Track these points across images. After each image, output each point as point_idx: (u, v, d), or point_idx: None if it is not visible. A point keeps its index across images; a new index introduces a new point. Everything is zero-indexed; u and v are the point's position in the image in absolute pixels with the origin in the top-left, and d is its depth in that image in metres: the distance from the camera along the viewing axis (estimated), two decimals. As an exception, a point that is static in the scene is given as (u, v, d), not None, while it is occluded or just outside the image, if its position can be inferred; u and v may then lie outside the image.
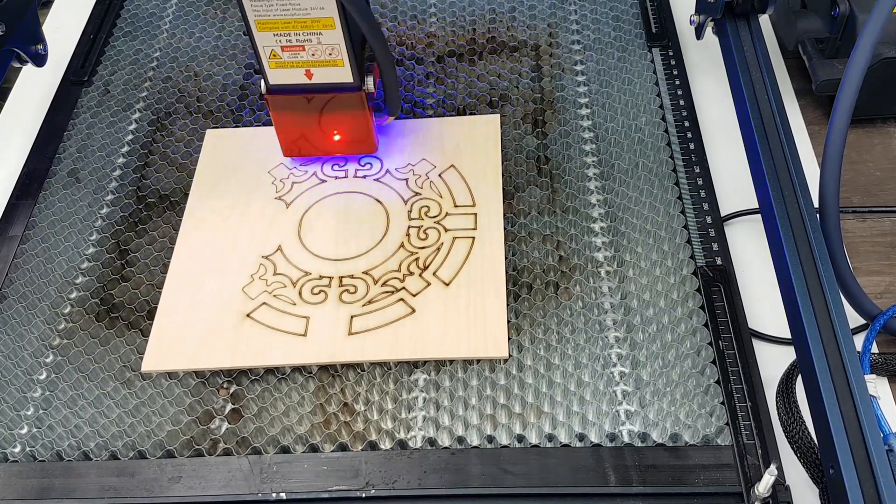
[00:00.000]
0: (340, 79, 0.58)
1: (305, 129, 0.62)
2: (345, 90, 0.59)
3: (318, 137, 0.62)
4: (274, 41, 0.56)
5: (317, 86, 0.59)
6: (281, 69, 0.58)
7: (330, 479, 0.50)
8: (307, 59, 0.57)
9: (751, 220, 0.63)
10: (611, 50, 0.72)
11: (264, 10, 0.54)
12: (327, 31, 0.55)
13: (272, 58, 0.57)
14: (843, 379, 0.45)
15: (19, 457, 0.53)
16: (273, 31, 0.56)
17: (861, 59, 0.51)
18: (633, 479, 0.49)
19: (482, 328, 0.55)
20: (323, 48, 0.56)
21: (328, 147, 0.63)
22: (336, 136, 0.62)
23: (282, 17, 0.55)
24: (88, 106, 0.74)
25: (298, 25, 0.55)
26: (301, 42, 0.56)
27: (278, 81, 0.59)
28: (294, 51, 0.56)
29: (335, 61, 0.57)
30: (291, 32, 0.56)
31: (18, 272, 0.62)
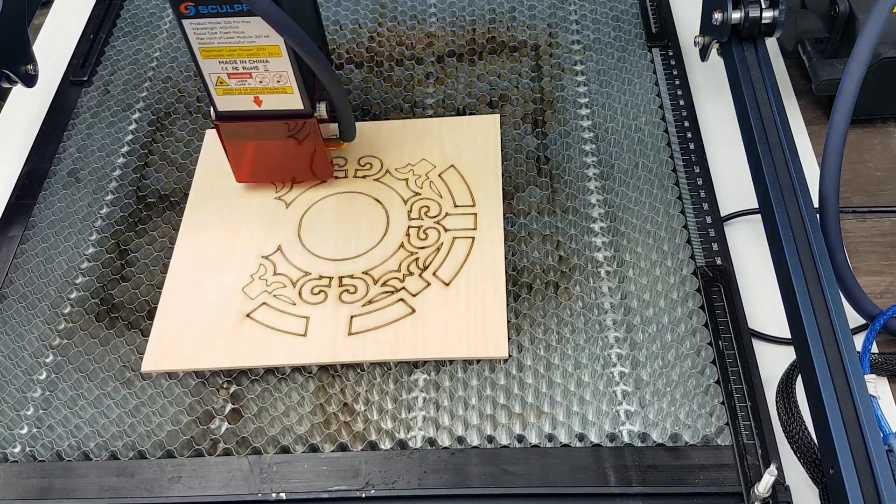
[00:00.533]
0: (290, 105, 0.57)
1: (258, 155, 0.61)
2: (296, 116, 0.58)
3: (272, 164, 0.62)
4: (220, 68, 0.55)
5: (267, 112, 0.58)
6: (229, 96, 0.57)
7: (330, 479, 0.50)
8: (255, 86, 0.56)
9: (751, 220, 0.63)
10: (611, 50, 0.72)
11: (208, 38, 0.53)
12: (273, 58, 0.54)
13: (219, 84, 0.56)
14: (843, 379, 0.45)
15: (19, 457, 0.53)
16: (218, 58, 0.55)
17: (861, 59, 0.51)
18: (633, 479, 0.49)
19: (482, 328, 0.55)
20: (270, 75, 0.55)
21: (283, 173, 0.63)
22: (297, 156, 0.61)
23: (226, 44, 0.54)
24: (88, 106, 0.74)
25: (244, 53, 0.54)
26: (248, 69, 0.55)
27: (227, 108, 0.58)
28: (241, 78, 0.55)
29: (284, 88, 0.56)
30: (237, 60, 0.55)
31: (18, 272, 0.62)
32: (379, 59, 0.74)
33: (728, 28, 0.61)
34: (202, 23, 0.52)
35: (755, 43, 0.62)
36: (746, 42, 0.63)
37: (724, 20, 0.61)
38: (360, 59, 0.75)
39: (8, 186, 0.69)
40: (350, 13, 0.78)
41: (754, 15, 0.60)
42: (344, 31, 0.77)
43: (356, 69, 0.74)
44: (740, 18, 0.61)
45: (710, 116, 0.69)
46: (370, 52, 0.75)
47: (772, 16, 0.60)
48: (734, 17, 0.61)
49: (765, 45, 0.62)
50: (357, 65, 0.74)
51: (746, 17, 0.60)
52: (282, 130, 0.59)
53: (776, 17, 0.60)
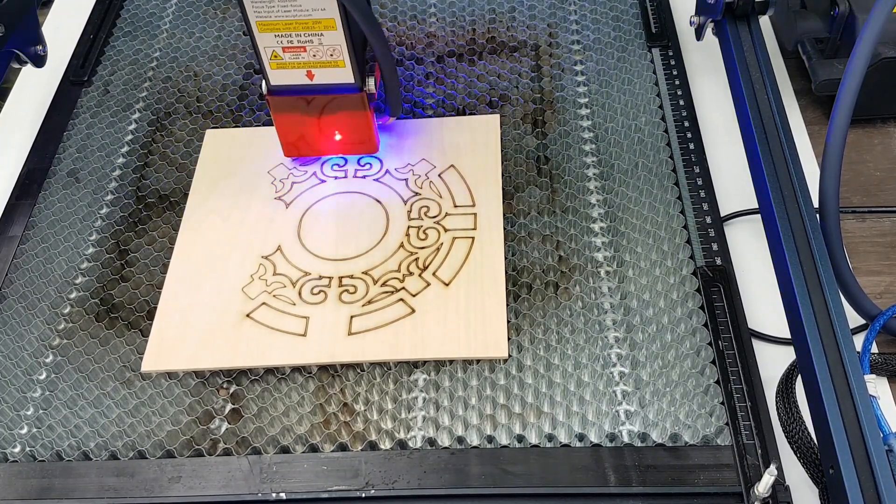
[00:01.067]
0: (341, 80, 0.58)
1: (306, 129, 0.62)
2: (346, 91, 0.59)
3: (319, 138, 0.62)
4: (275, 42, 0.56)
5: (318, 86, 0.59)
6: (282, 70, 0.58)
7: (330, 479, 0.50)
8: (308, 59, 0.57)
9: (751, 220, 0.63)
10: (610, 50, 0.72)
11: (265, 12, 0.54)
12: (328, 32, 0.55)
13: (273, 58, 0.57)
14: (843, 379, 0.45)
15: (19, 457, 0.53)
16: (274, 31, 0.56)
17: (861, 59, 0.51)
18: (632, 479, 0.49)
19: (482, 328, 0.55)
20: (324, 49, 0.56)
21: (329, 147, 0.64)
22: (337, 135, 0.62)
23: (283, 17, 0.55)
24: (88, 106, 0.74)
25: (300, 26, 0.55)
26: (302, 43, 0.56)
27: (279, 82, 0.59)
28: (295, 52, 0.56)
29: (336, 62, 0.57)
30: (293, 33, 0.56)
31: (18, 272, 0.62)
32: (379, 59, 0.74)
33: (722, 6, 0.62)
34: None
35: (749, 21, 0.64)
36: (741, 20, 0.64)
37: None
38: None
39: (8, 186, 0.69)
40: (350, 13, 0.78)
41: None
42: (344, 31, 0.77)
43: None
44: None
45: (710, 116, 0.69)
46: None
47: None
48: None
49: (758, 23, 0.64)
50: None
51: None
52: (331, 105, 0.59)
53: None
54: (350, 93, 0.59)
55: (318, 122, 0.61)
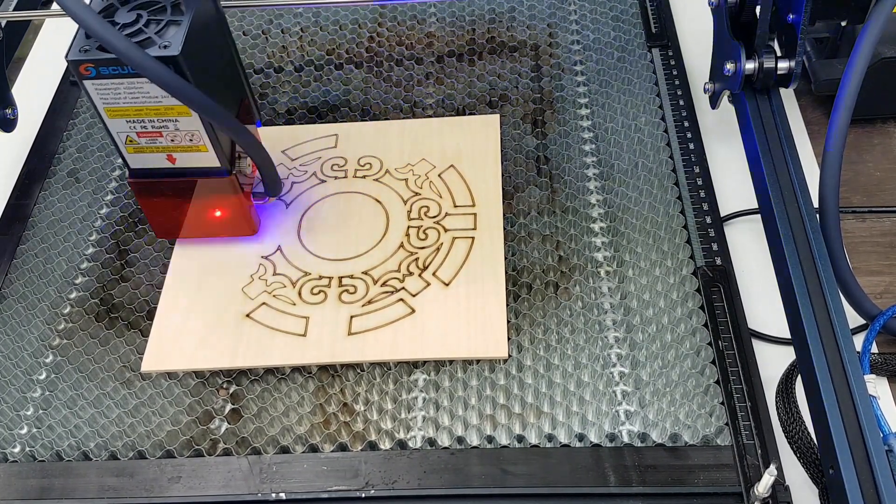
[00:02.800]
0: (206, 163, 0.54)
1: (176, 212, 0.58)
2: (214, 174, 0.55)
3: (192, 220, 0.59)
4: (128, 127, 0.52)
5: (182, 170, 0.55)
6: (140, 154, 0.54)
7: (330, 479, 0.50)
8: (167, 144, 0.53)
9: (751, 220, 0.63)
10: (610, 50, 0.72)
11: (112, 98, 0.51)
12: (183, 117, 0.51)
13: (129, 143, 0.53)
14: (843, 379, 0.45)
15: (19, 457, 0.53)
16: (125, 117, 0.52)
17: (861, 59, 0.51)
18: (632, 480, 0.49)
19: (482, 328, 0.55)
20: (182, 134, 0.52)
21: (203, 229, 0.60)
22: (217, 212, 0.58)
23: (132, 104, 0.51)
24: (88, 106, 0.74)
25: (151, 112, 0.51)
26: (157, 128, 0.52)
27: (140, 166, 0.55)
28: (151, 136, 0.52)
29: (197, 147, 0.53)
30: (145, 119, 0.52)
31: (18, 272, 0.62)
32: (379, 59, 0.74)
33: (741, 79, 0.57)
34: (105, 83, 0.50)
35: (769, 93, 0.59)
36: (760, 93, 0.59)
37: (736, 70, 0.57)
38: (360, 59, 0.75)
39: (8, 186, 0.69)
40: (350, 13, 0.78)
41: (769, 66, 0.57)
42: (344, 31, 0.77)
43: (356, 69, 0.74)
44: (754, 69, 0.57)
45: (710, 116, 0.69)
46: (370, 52, 0.75)
47: (787, 66, 0.56)
48: (748, 68, 0.57)
49: (779, 95, 0.59)
50: (357, 65, 0.74)
51: (760, 67, 0.57)
52: (199, 188, 0.56)
53: (792, 68, 0.56)
54: (218, 176, 0.55)
55: (187, 206, 0.57)
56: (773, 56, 0.57)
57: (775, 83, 0.58)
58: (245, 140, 0.52)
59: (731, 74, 0.58)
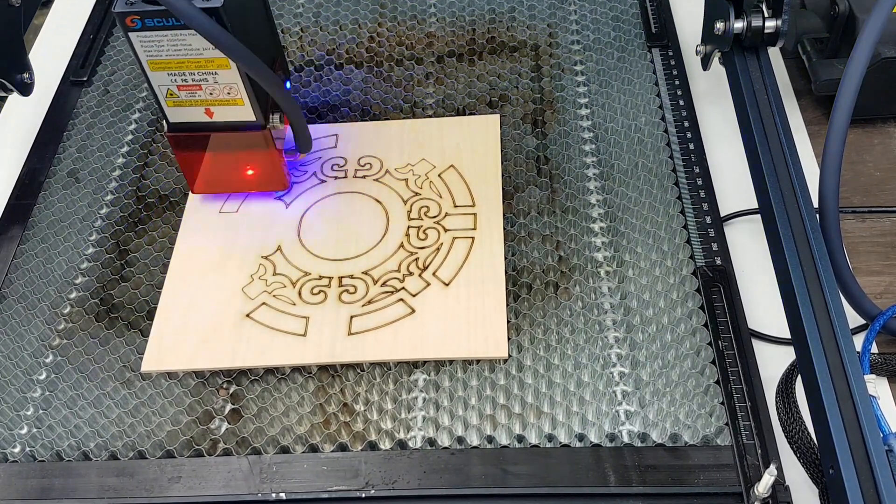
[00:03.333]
0: (242, 117, 0.56)
1: (211, 166, 0.60)
2: (248, 129, 0.57)
3: (226, 175, 0.61)
4: (169, 80, 0.54)
5: (218, 124, 0.57)
6: (179, 108, 0.56)
7: (330, 479, 0.50)
8: (205, 97, 0.55)
9: (751, 220, 0.63)
10: (610, 50, 0.72)
11: (156, 51, 0.53)
12: (222, 71, 0.53)
13: (169, 97, 0.55)
14: (843, 379, 0.45)
15: (19, 457, 0.53)
16: (167, 70, 0.54)
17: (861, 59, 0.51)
18: (632, 480, 0.49)
19: (482, 328, 0.55)
20: (220, 87, 0.54)
21: (238, 184, 0.62)
22: (249, 171, 0.60)
23: (174, 57, 0.53)
24: (88, 106, 0.74)
25: (192, 65, 0.53)
26: (197, 81, 0.54)
27: (178, 119, 0.57)
28: (191, 90, 0.54)
29: (234, 100, 0.55)
30: (186, 72, 0.54)
31: (18, 272, 0.62)
32: (379, 59, 0.74)
33: (730, 37, 0.60)
34: (149, 35, 0.52)
35: (757, 52, 0.61)
36: (749, 51, 0.62)
37: (726, 29, 0.60)
38: (360, 59, 0.75)
39: (8, 186, 0.69)
40: (350, 13, 0.78)
41: (757, 24, 0.60)
42: (344, 31, 0.77)
43: (356, 69, 0.74)
44: (743, 28, 0.60)
45: (710, 116, 0.69)
46: (370, 52, 0.75)
47: (774, 25, 0.59)
48: (736, 27, 0.60)
49: (767, 54, 0.62)
50: (357, 65, 0.74)
51: (749, 26, 0.60)
52: (234, 142, 0.58)
53: (779, 27, 0.59)
54: (252, 130, 0.57)
55: (222, 160, 0.59)
56: (760, 15, 0.59)
57: (763, 42, 0.61)
58: (281, 94, 0.53)
59: (721, 33, 0.61)
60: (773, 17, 0.59)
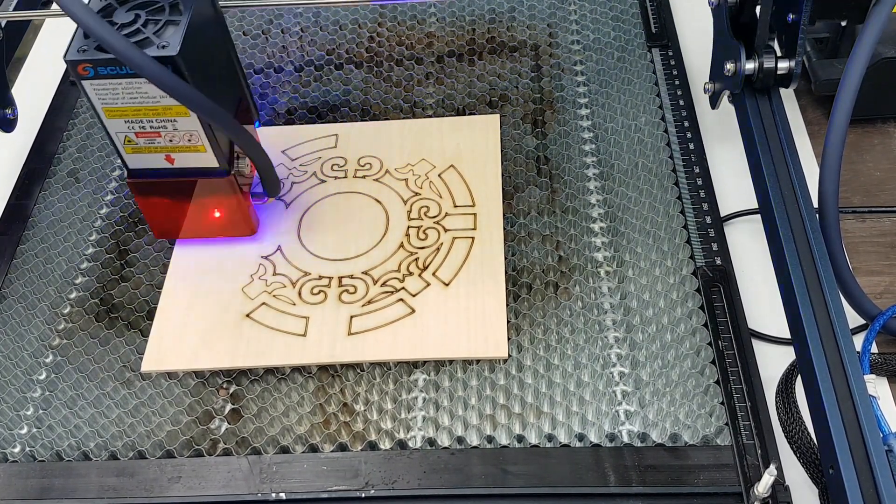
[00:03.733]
0: (204, 164, 0.54)
1: (175, 212, 0.58)
2: (212, 175, 0.55)
3: (191, 220, 0.59)
4: (126, 127, 0.53)
5: (180, 170, 0.55)
6: (138, 154, 0.54)
7: (330, 479, 0.50)
8: (165, 144, 0.53)
9: (751, 220, 0.63)
10: (610, 50, 0.72)
11: (111, 99, 0.51)
12: (181, 118, 0.52)
13: (127, 143, 0.53)
14: (843, 379, 0.45)
15: (19, 457, 0.53)
16: (123, 118, 0.52)
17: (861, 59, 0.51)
18: (632, 480, 0.49)
19: (482, 328, 0.55)
20: (180, 134, 0.52)
21: (202, 230, 0.60)
22: (216, 213, 0.58)
23: (130, 104, 0.51)
24: (88, 106, 0.73)
25: (150, 113, 0.52)
26: (156, 129, 0.52)
27: (138, 166, 0.55)
28: (150, 137, 0.53)
29: (196, 147, 0.53)
30: (143, 119, 0.52)
31: (18, 272, 0.62)
32: (379, 59, 0.74)
33: (741, 79, 0.57)
34: (103, 83, 0.50)
35: (769, 93, 0.59)
36: (760, 93, 0.59)
37: (736, 70, 0.57)
38: (360, 59, 0.75)
39: (8, 186, 0.69)
40: (350, 13, 0.78)
41: (769, 66, 0.57)
42: (344, 31, 0.77)
43: (356, 69, 0.74)
44: (754, 69, 0.57)
45: (710, 116, 0.69)
46: (370, 52, 0.75)
47: (787, 66, 0.56)
48: (748, 68, 0.57)
49: (779, 95, 0.59)
50: (357, 65, 0.74)
51: (760, 67, 0.57)
52: (197, 188, 0.56)
53: (792, 68, 0.56)
54: (216, 177, 0.55)
55: (186, 206, 0.57)
56: (773, 56, 0.57)
57: (775, 83, 0.58)
58: (243, 140, 0.52)
59: (732, 74, 0.58)
60: (786, 57, 0.56)
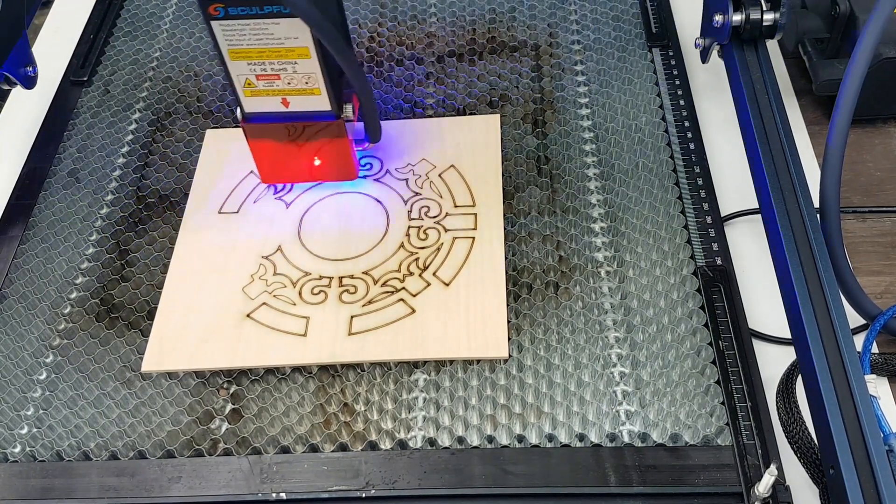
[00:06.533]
0: (318, 107, 0.56)
1: (283, 156, 0.60)
2: (323, 118, 0.57)
3: (297, 164, 0.61)
4: (248, 70, 0.54)
5: (294, 114, 0.57)
6: (256, 97, 0.56)
7: (330, 479, 0.50)
8: (283, 87, 0.55)
9: (751, 220, 0.63)
10: (611, 50, 0.72)
11: (237, 39, 0.53)
12: (302, 60, 0.53)
13: (247, 86, 0.55)
14: (843, 379, 0.45)
15: (19, 457, 0.53)
16: (247, 59, 0.54)
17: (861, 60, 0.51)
18: (633, 480, 0.49)
19: (482, 328, 0.55)
20: (299, 77, 0.54)
21: (308, 174, 0.62)
22: (316, 160, 0.60)
23: (255, 46, 0.53)
24: (88, 106, 0.74)
25: (273, 55, 0.53)
26: (276, 71, 0.54)
27: (254, 109, 0.57)
28: (269, 79, 0.55)
29: (312, 90, 0.55)
30: (266, 61, 0.54)
31: (18, 272, 0.62)
32: (379, 59, 0.74)
33: (729, 30, 0.61)
34: (231, 24, 0.52)
35: (756, 45, 0.62)
36: (747, 44, 0.62)
37: (724, 22, 0.61)
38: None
39: (8, 186, 0.69)
40: (350, 13, 0.78)
41: (755, 17, 0.60)
42: (344, 31, 0.77)
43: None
44: (741, 20, 0.60)
45: (710, 116, 0.69)
46: (370, 52, 0.75)
47: (773, 18, 0.60)
48: (735, 19, 0.60)
49: (766, 47, 0.62)
50: (357, 65, 0.74)
51: (747, 19, 0.60)
52: (308, 131, 0.58)
53: (777, 20, 0.60)
54: (327, 120, 0.57)
55: (295, 149, 0.60)
56: (759, 8, 0.60)
57: (761, 34, 0.61)
58: (362, 81, 0.53)
59: (720, 26, 0.61)
60: (772, 9, 0.60)
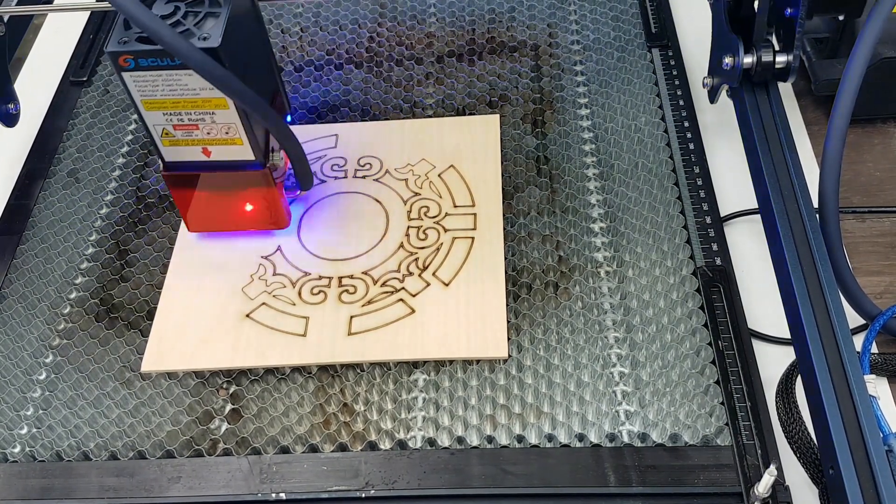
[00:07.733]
0: (240, 156, 0.54)
1: (209, 205, 0.58)
2: (247, 167, 0.55)
3: (225, 214, 0.59)
4: (164, 120, 0.53)
5: (216, 163, 0.55)
6: (175, 147, 0.54)
7: (330, 479, 0.50)
8: (203, 137, 0.53)
9: (751, 220, 0.63)
10: (610, 50, 0.72)
11: (150, 91, 0.51)
12: (220, 110, 0.52)
13: (165, 136, 0.53)
14: (843, 379, 0.45)
15: (19, 457, 0.53)
16: (162, 110, 0.52)
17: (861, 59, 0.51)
18: (632, 480, 0.49)
19: (482, 328, 0.55)
20: (218, 127, 0.53)
21: (235, 223, 0.60)
22: (248, 206, 0.58)
23: (170, 97, 0.51)
24: (88, 106, 0.74)
25: (189, 105, 0.52)
26: (193, 121, 0.52)
27: (174, 159, 0.55)
28: (187, 129, 0.53)
29: (233, 139, 0.53)
30: (182, 111, 0.52)
31: (18, 272, 0.62)
32: (379, 59, 0.74)
33: (740, 73, 0.58)
34: (143, 75, 0.50)
35: (767, 88, 0.59)
36: (758, 86, 0.59)
37: (734, 64, 0.58)
38: (360, 59, 0.75)
39: (8, 186, 0.69)
40: (350, 13, 0.78)
41: (767, 59, 0.57)
42: (344, 31, 0.77)
43: (356, 69, 0.74)
44: (752, 63, 0.57)
45: (710, 116, 0.69)
46: (370, 52, 0.75)
47: (785, 60, 0.57)
48: (746, 62, 0.57)
49: (777, 89, 0.59)
50: (357, 65, 0.74)
51: (758, 61, 0.57)
52: (232, 181, 0.56)
53: (790, 62, 0.57)
54: (252, 169, 0.55)
55: (221, 199, 0.58)
56: (771, 50, 0.57)
57: (773, 77, 0.59)
58: (283, 132, 0.52)
59: (730, 68, 0.58)
60: (784, 51, 0.57)
